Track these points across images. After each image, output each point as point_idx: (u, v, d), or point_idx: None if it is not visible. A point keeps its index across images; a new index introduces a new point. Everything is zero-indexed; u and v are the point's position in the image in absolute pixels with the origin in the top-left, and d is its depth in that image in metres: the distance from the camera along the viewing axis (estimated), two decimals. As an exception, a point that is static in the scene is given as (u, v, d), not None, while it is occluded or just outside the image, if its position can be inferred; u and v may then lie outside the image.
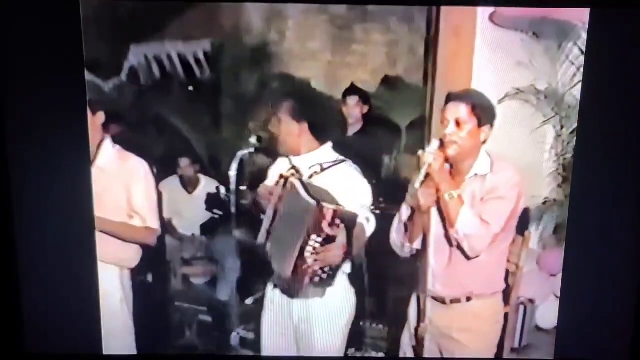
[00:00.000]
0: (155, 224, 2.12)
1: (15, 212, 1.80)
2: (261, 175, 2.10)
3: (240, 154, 2.07)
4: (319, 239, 1.94)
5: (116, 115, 2.05)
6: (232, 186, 2.07)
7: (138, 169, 2.09)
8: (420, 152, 1.88)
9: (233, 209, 2.10)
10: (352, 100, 2.14)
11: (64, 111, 1.83)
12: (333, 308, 2.07)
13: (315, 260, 1.96)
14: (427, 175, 1.87)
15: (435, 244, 1.95)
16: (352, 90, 2.13)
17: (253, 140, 2.07)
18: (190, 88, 2.16)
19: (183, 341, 2.29)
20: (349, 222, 1.94)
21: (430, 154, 1.85)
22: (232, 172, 2.07)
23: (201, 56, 2.15)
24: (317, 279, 1.99)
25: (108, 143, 2.05)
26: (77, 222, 1.85)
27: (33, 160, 1.81)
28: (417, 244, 2.00)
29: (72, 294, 1.89)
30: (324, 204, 1.91)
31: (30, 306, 1.85)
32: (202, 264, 2.33)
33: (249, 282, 2.25)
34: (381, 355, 2.25)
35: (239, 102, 2.18)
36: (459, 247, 1.90)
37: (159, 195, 2.14)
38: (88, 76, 1.99)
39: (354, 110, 2.15)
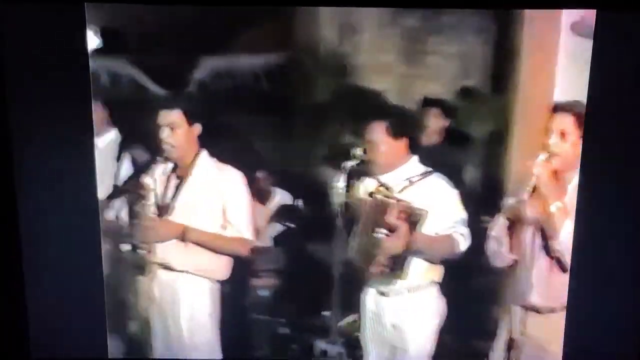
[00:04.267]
0: (249, 235, 2.15)
1: (20, 217, 1.79)
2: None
3: (346, 165, 2.09)
4: (384, 231, 2.08)
5: (213, 127, 2.08)
6: (339, 198, 2.09)
7: (234, 179, 2.13)
8: (528, 163, 1.90)
9: (340, 222, 2.12)
10: (433, 112, 2.14)
11: (67, 109, 1.84)
12: (423, 316, 2.17)
13: (381, 250, 2.09)
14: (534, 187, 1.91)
15: (534, 255, 1.96)
16: (433, 102, 2.13)
17: (359, 152, 2.08)
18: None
19: (262, 353, 2.30)
20: (414, 216, 2.04)
21: (537, 166, 1.87)
22: (341, 184, 2.09)
23: (273, 69, 2.16)
24: (384, 268, 2.11)
25: (205, 155, 2.08)
26: (84, 228, 1.86)
27: (37, 163, 1.80)
28: (515, 255, 2.02)
29: (78, 300, 1.89)
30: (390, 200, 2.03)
31: (36, 312, 1.86)
32: (272, 275, 2.34)
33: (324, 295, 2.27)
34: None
35: (312, 116, 2.19)
36: (557, 259, 1.91)
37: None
38: (156, 88, 2.06)
39: (434, 123, 2.15)
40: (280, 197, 2.27)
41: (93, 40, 2.07)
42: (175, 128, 2.12)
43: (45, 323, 1.86)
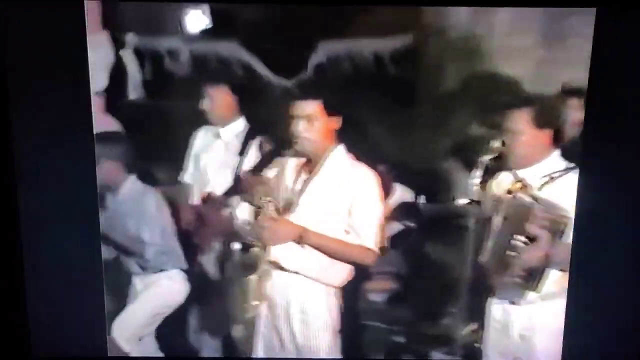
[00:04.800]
0: (374, 245, 1.96)
1: (21, 218, 1.76)
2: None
3: (484, 159, 1.89)
4: (523, 239, 1.90)
5: (352, 120, 1.90)
6: (471, 196, 1.89)
7: (368, 181, 1.94)
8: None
9: (470, 222, 1.91)
10: (575, 101, 1.92)
11: (67, 111, 1.79)
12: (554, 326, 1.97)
13: (517, 259, 1.92)
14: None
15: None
16: (573, 91, 1.92)
17: (497, 144, 1.88)
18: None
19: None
20: (555, 226, 1.86)
21: None
22: (476, 180, 1.89)
23: (399, 53, 1.97)
24: (518, 279, 1.94)
25: (341, 150, 1.89)
26: (85, 225, 1.81)
27: (38, 161, 1.76)
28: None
29: (78, 298, 1.85)
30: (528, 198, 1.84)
31: (36, 310, 1.82)
32: (387, 279, 2.15)
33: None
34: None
35: (438, 104, 2.00)
36: None
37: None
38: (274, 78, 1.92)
39: (574, 113, 1.94)
40: (401, 193, 2.08)
41: (202, 21, 1.92)
42: (312, 120, 1.94)
43: (46, 321, 1.83)
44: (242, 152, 2.10)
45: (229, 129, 2.10)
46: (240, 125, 2.10)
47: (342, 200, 1.95)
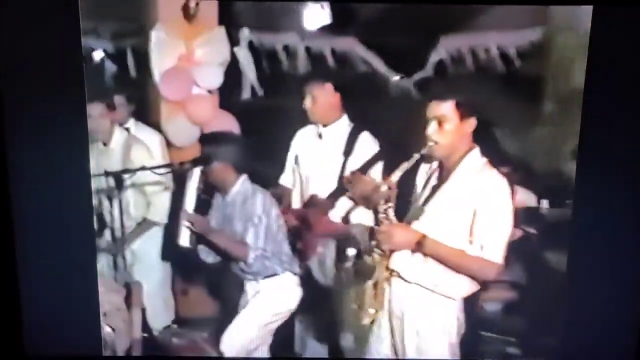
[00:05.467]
0: (500, 259, 1.79)
1: (15, 215, 1.74)
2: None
3: None
4: None
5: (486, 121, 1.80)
6: None
7: (500, 190, 1.77)
8: None
9: None
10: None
11: (63, 113, 1.74)
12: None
13: None
14: None
15: None
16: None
17: None
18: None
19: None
20: None
21: None
22: None
23: (525, 48, 1.86)
24: None
25: (476, 154, 1.80)
26: (79, 225, 1.78)
27: (32, 161, 1.73)
28: None
29: (72, 296, 1.82)
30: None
31: (30, 309, 1.80)
32: (503, 288, 2.03)
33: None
34: None
35: (564, 102, 1.88)
36: None
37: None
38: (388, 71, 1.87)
39: None
40: (522, 197, 1.96)
41: (321, 16, 1.86)
42: (445, 122, 1.79)
43: (40, 320, 1.82)
44: (347, 152, 2.03)
45: (332, 128, 2.04)
46: (344, 124, 2.04)
47: (470, 209, 1.78)
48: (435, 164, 1.86)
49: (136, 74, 1.97)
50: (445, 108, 1.77)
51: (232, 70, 1.96)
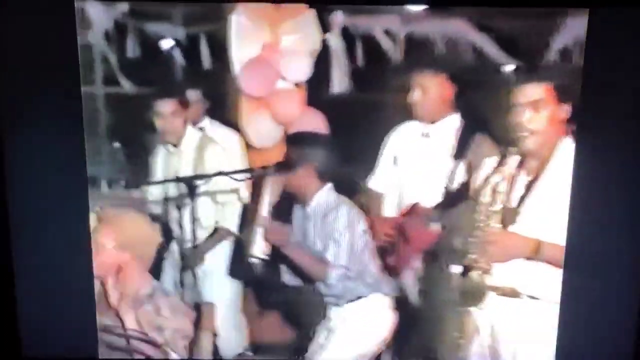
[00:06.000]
0: None
1: (11, 219, 1.71)
2: None
3: None
4: None
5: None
6: None
7: None
8: None
9: None
10: None
11: (58, 110, 1.66)
12: None
13: None
14: None
15: None
16: None
17: None
18: None
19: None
20: None
21: None
22: None
23: None
24: None
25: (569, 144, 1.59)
26: (75, 227, 1.72)
27: (29, 161, 1.67)
28: None
29: (69, 299, 1.77)
30: None
31: (27, 311, 1.77)
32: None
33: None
34: None
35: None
36: None
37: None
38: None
39: None
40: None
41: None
42: (539, 108, 1.59)
43: (36, 322, 1.77)
44: (458, 155, 1.76)
45: (440, 125, 1.77)
46: (454, 121, 1.77)
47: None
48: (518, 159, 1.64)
49: (211, 65, 1.74)
50: (539, 92, 1.58)
51: (322, 61, 1.73)
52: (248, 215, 1.86)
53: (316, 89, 1.76)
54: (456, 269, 1.71)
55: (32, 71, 1.59)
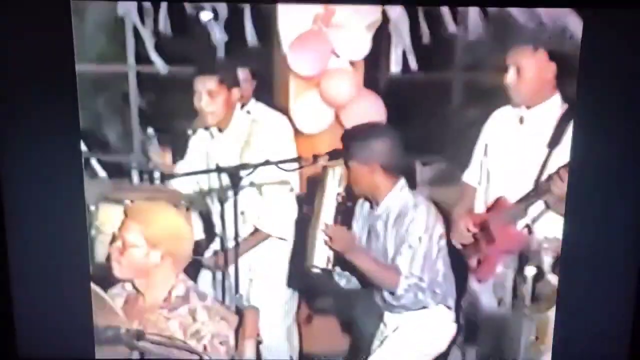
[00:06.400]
0: None
1: (6, 218, 1.71)
2: None
3: None
4: None
5: None
6: None
7: None
8: None
9: None
10: None
11: (53, 106, 1.63)
12: None
13: None
14: None
15: None
16: None
17: None
18: None
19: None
20: None
21: None
22: None
23: None
24: None
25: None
26: (71, 227, 1.71)
27: (24, 162, 1.67)
28: None
29: (65, 300, 1.77)
30: None
31: (23, 311, 1.78)
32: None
33: None
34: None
35: None
36: None
37: None
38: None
39: None
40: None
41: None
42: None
43: (32, 323, 1.78)
44: (553, 143, 1.56)
45: (537, 110, 1.58)
46: (555, 105, 1.57)
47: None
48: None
49: (257, 40, 1.56)
50: None
51: (382, 36, 1.53)
52: (302, 215, 1.70)
53: (374, 69, 1.58)
54: (530, 270, 1.55)
55: (25, 64, 1.55)
